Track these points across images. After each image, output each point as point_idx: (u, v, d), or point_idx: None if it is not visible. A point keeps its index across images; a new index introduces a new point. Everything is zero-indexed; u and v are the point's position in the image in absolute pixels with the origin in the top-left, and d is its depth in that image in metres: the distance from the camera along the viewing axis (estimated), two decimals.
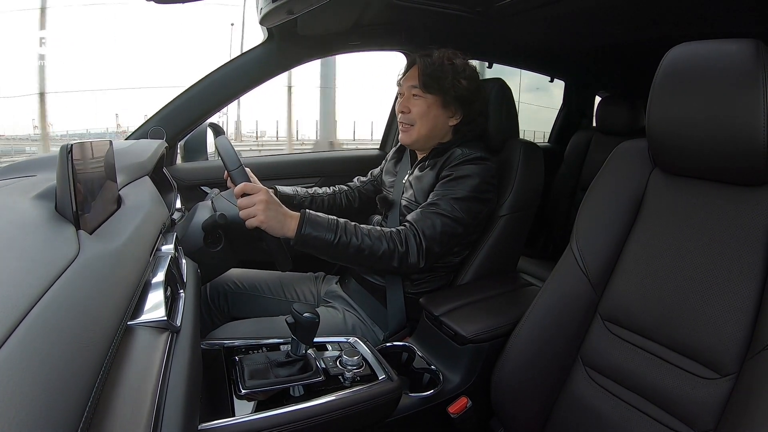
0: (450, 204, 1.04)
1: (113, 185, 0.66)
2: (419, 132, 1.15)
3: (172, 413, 0.43)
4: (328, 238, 0.95)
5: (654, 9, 1.23)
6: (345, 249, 0.96)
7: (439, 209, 1.04)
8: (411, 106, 1.15)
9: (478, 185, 1.07)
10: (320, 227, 0.95)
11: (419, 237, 1.00)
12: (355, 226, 0.99)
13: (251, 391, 0.72)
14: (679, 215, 0.75)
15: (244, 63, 1.39)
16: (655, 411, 0.71)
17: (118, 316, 0.41)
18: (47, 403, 0.26)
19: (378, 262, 0.99)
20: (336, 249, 0.96)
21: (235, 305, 1.21)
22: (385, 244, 0.98)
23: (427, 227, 1.01)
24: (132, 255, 0.53)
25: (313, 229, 0.94)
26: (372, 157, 1.75)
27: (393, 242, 0.99)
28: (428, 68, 1.11)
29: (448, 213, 1.03)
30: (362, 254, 0.97)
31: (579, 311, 0.83)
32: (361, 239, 0.97)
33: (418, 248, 1.00)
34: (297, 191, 1.32)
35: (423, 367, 0.97)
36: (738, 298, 0.65)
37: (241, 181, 0.93)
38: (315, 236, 0.94)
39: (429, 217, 1.03)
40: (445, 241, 1.04)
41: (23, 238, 0.41)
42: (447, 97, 1.12)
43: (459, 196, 1.05)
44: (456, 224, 1.04)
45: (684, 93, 0.69)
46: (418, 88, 1.13)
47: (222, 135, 1.03)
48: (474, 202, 1.06)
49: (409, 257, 1.00)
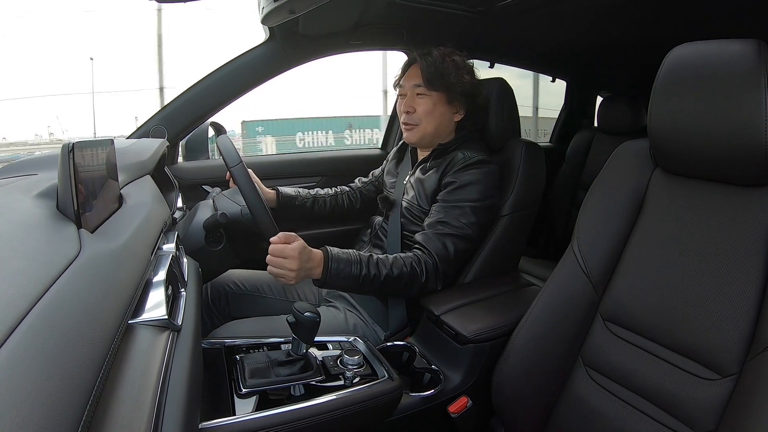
0: (458, 220, 1.06)
1: (115, 184, 0.66)
2: (425, 130, 1.15)
3: (173, 412, 0.43)
4: (354, 274, 0.96)
5: (656, 9, 1.23)
6: (370, 283, 0.98)
7: (448, 229, 1.05)
8: (416, 105, 1.14)
9: (482, 191, 1.08)
10: (345, 264, 0.96)
11: (435, 263, 1.02)
12: (377, 260, 0.99)
13: (253, 390, 0.72)
14: (680, 215, 0.75)
15: (245, 62, 1.39)
16: (655, 411, 0.71)
17: (119, 314, 0.41)
18: (48, 402, 0.26)
19: (399, 291, 1.03)
20: (360, 284, 0.97)
21: (236, 306, 1.21)
22: (406, 276, 1.00)
23: (440, 251, 1.03)
24: (133, 254, 0.53)
25: (338, 267, 0.95)
26: (373, 157, 1.75)
27: (414, 272, 1.01)
28: (431, 66, 1.11)
29: (458, 232, 1.05)
30: (385, 286, 0.99)
31: (580, 311, 0.83)
32: (383, 272, 0.98)
33: (435, 275, 1.03)
34: (299, 192, 1.32)
35: (424, 367, 0.97)
36: (739, 299, 0.65)
37: (242, 179, 0.92)
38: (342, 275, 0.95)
39: (441, 240, 1.04)
40: (459, 261, 1.08)
41: (24, 237, 0.41)
42: (452, 93, 1.13)
43: (466, 210, 1.06)
44: (466, 242, 1.07)
45: (686, 93, 0.69)
46: (422, 86, 1.13)
47: (223, 134, 1.03)
48: (480, 212, 1.08)
49: (428, 285, 1.03)
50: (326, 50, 1.46)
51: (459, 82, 1.12)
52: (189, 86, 1.37)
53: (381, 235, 1.20)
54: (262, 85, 1.43)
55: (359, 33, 1.41)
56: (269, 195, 1.26)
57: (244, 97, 1.43)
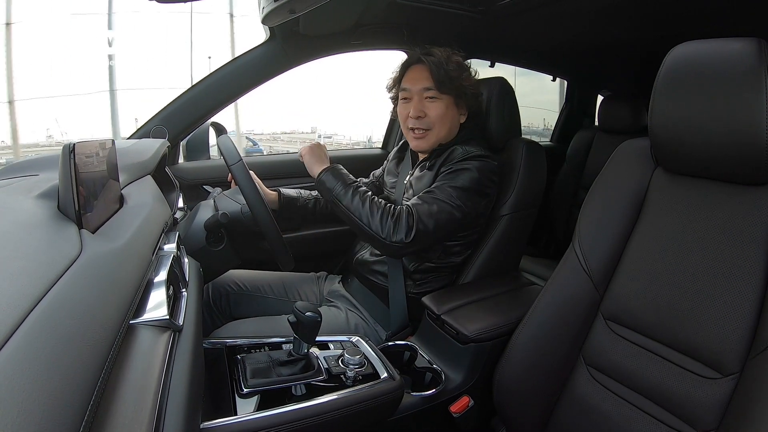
0: (448, 192, 1.04)
1: (115, 184, 0.66)
2: (438, 135, 1.13)
3: (174, 412, 0.43)
4: (336, 191, 1.04)
5: (656, 8, 1.23)
6: (347, 206, 1.03)
7: (435, 195, 1.04)
8: (426, 110, 1.11)
9: (478, 179, 1.06)
10: (338, 178, 1.06)
11: (412, 215, 1.01)
12: (364, 191, 1.05)
13: (254, 390, 0.72)
14: (681, 214, 0.75)
15: (245, 62, 1.39)
16: (656, 410, 0.71)
17: (120, 315, 0.41)
18: (49, 403, 0.26)
19: (368, 225, 1.01)
20: (337, 201, 1.04)
21: (237, 306, 1.21)
22: (379, 213, 1.01)
23: (422, 208, 1.02)
24: (134, 254, 0.53)
25: (330, 177, 1.06)
26: (374, 157, 1.75)
27: (387, 213, 1.01)
28: (440, 68, 1.09)
29: (445, 199, 1.03)
30: (356, 214, 1.03)
31: (581, 310, 0.83)
32: (367, 196, 1.04)
33: (408, 225, 1.00)
34: (301, 193, 1.32)
35: (425, 366, 0.97)
36: (740, 298, 0.65)
37: (243, 177, 0.93)
38: (327, 186, 1.06)
39: (425, 200, 1.03)
40: (441, 224, 1.02)
41: (25, 238, 0.41)
42: (461, 95, 1.12)
43: (457, 185, 1.04)
44: (453, 210, 1.03)
45: (686, 92, 0.69)
46: (432, 89, 1.10)
47: (224, 134, 1.03)
48: (473, 193, 1.05)
49: (397, 231, 1.00)
50: (326, 50, 1.46)
51: (469, 84, 1.11)
52: (190, 86, 1.37)
53: None
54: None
55: (359, 33, 1.41)
56: (271, 196, 1.26)
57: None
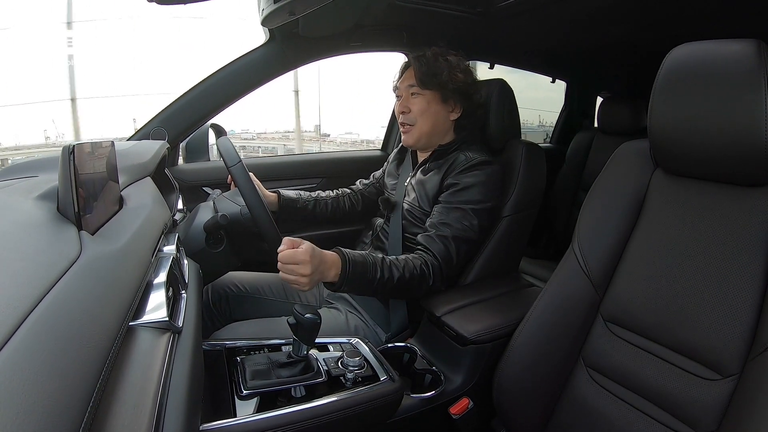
0: (461, 222, 1.06)
1: (115, 186, 0.66)
2: (421, 130, 1.16)
3: (174, 414, 0.43)
4: (369, 277, 0.94)
5: (656, 9, 1.23)
6: (383, 287, 0.97)
7: (450, 231, 1.06)
8: (410, 105, 1.16)
9: (485, 193, 1.08)
10: (362, 267, 0.94)
11: (440, 265, 1.03)
12: (390, 263, 0.98)
13: (254, 392, 0.72)
14: (680, 216, 0.75)
15: (245, 64, 1.39)
16: (656, 412, 0.71)
17: (120, 316, 0.41)
18: (49, 404, 0.26)
19: (406, 293, 1.03)
20: (374, 287, 0.96)
21: (237, 308, 1.21)
22: (416, 278, 1.00)
23: (443, 253, 1.04)
24: (134, 256, 0.53)
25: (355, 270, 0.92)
26: (374, 158, 1.75)
27: (423, 274, 1.01)
28: (423, 66, 1.13)
29: (460, 234, 1.06)
30: (395, 289, 0.99)
31: (581, 312, 0.83)
32: (395, 275, 0.97)
33: (441, 277, 1.04)
34: (300, 195, 1.32)
35: (425, 368, 0.97)
36: (739, 299, 0.65)
37: (242, 179, 0.92)
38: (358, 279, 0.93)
39: (443, 242, 1.05)
40: (461, 263, 1.08)
41: (25, 239, 0.41)
42: (445, 91, 1.13)
43: (468, 212, 1.07)
44: (469, 244, 1.08)
45: (686, 93, 0.69)
46: (415, 86, 1.14)
47: (223, 135, 1.03)
48: (482, 214, 1.08)
49: (433, 286, 1.03)
50: (326, 52, 1.47)
51: (451, 80, 1.12)
52: (189, 88, 1.37)
53: (382, 237, 1.20)
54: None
55: (359, 34, 1.41)
56: (270, 198, 1.26)
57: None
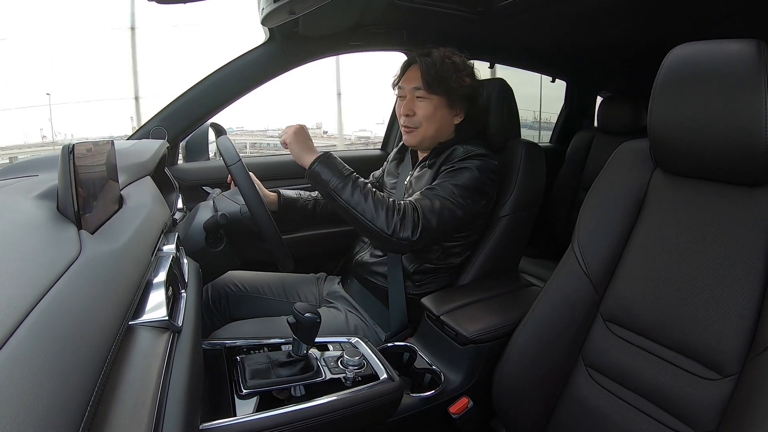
0: (449, 189, 1.03)
1: (115, 185, 0.66)
2: (425, 134, 1.14)
3: (173, 413, 0.43)
4: (333, 183, 0.97)
5: (656, 9, 1.23)
6: (347, 200, 0.96)
7: (437, 192, 1.03)
8: (416, 109, 1.13)
9: (479, 177, 1.06)
10: (333, 170, 0.98)
11: (417, 212, 0.99)
12: (363, 184, 0.99)
13: (253, 391, 0.72)
14: (680, 215, 0.75)
15: (245, 63, 1.39)
16: (656, 411, 0.71)
17: (120, 316, 0.41)
18: (48, 403, 0.26)
19: (373, 221, 0.97)
20: (335, 196, 0.97)
21: (237, 307, 1.21)
22: (384, 209, 0.97)
23: (425, 205, 1.00)
24: (133, 255, 0.53)
25: (324, 169, 0.98)
26: (374, 158, 1.75)
27: (392, 209, 0.97)
28: (431, 68, 1.09)
29: (448, 196, 1.02)
30: (359, 210, 0.96)
31: (580, 312, 0.83)
32: (364, 196, 0.96)
33: (413, 221, 0.98)
34: (300, 194, 1.31)
35: (424, 368, 0.97)
36: (739, 299, 0.65)
37: (242, 178, 0.93)
38: (323, 178, 0.98)
39: (428, 197, 1.02)
40: (444, 220, 1.01)
41: (25, 238, 0.41)
42: (453, 96, 1.11)
43: (458, 183, 1.04)
44: (455, 207, 1.02)
45: (685, 93, 0.69)
46: (422, 89, 1.11)
47: (223, 134, 1.03)
48: (473, 191, 1.05)
49: (403, 228, 0.97)
50: (326, 51, 1.46)
51: (460, 86, 1.10)
52: (189, 87, 1.37)
53: None
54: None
55: (359, 34, 1.41)
56: (271, 197, 1.26)
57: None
